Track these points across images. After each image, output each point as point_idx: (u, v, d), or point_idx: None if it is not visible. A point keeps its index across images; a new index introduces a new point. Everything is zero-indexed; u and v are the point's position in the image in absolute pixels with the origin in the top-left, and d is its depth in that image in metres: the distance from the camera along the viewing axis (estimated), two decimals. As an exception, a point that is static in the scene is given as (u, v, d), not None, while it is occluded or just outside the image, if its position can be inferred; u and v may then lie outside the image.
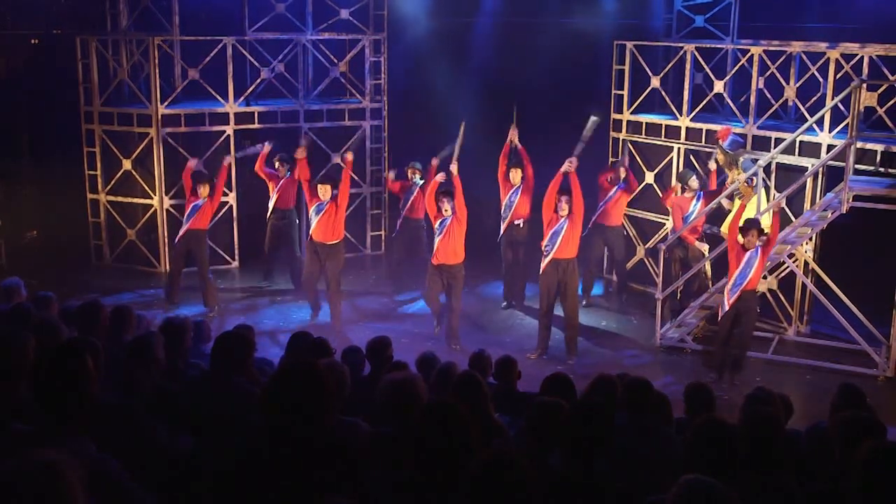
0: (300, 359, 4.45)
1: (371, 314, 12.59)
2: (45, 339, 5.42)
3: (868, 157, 11.14)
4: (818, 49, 11.83)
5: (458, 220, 11.08)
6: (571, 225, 10.89)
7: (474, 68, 16.26)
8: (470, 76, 16.25)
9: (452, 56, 16.21)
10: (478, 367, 6.82)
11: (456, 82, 16.18)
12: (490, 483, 3.17)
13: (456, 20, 16.26)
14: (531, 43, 15.83)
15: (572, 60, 15.76)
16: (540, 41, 15.76)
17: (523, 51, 15.79)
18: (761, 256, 10.33)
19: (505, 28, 16.18)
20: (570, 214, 10.85)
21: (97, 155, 14.32)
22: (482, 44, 16.18)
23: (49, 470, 2.70)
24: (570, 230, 10.88)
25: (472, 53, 16.27)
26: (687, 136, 13.02)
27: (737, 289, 10.32)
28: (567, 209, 10.82)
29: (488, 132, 13.65)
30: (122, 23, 14.35)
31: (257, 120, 14.49)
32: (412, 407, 4.41)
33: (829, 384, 9.74)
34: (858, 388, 6.05)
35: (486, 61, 16.21)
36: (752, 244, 10.30)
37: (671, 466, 4.25)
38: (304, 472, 3.49)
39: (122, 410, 4.65)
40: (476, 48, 16.22)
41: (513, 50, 15.97)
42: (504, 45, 16.11)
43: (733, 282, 10.36)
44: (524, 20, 16.08)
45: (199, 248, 12.27)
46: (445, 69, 16.25)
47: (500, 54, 16.20)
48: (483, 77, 16.22)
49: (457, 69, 16.23)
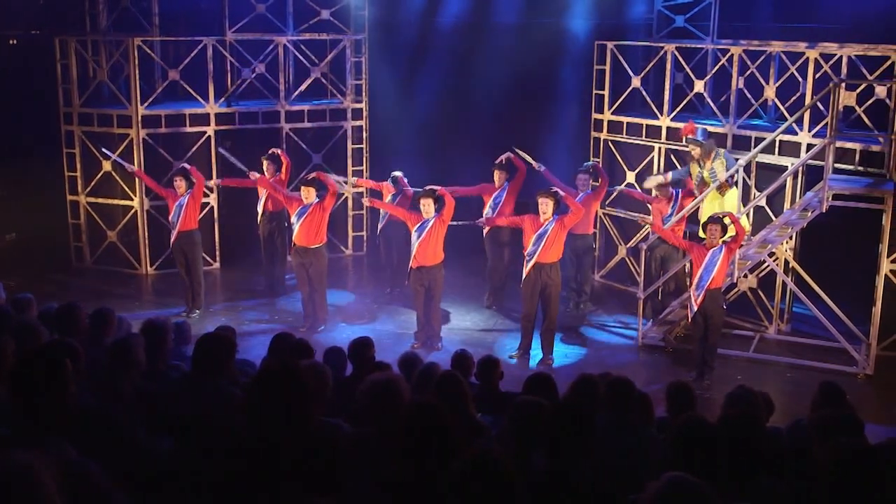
0: (282, 360, 4.44)
1: (352, 315, 12.56)
2: (25, 342, 5.39)
3: (847, 157, 11.22)
4: (797, 49, 11.89)
5: (443, 221, 10.98)
6: (559, 226, 10.74)
7: (454, 69, 16.25)
8: (449, 76, 16.25)
9: (433, 56, 16.21)
10: (460, 367, 6.81)
11: (436, 82, 16.18)
12: (472, 483, 3.17)
13: (437, 20, 16.25)
14: (511, 43, 15.84)
15: (552, 60, 15.79)
16: (520, 41, 15.78)
17: (504, 51, 15.80)
18: (725, 254, 10.28)
19: (485, 28, 16.18)
20: (557, 216, 10.75)
21: (77, 156, 14.23)
22: (462, 44, 16.17)
23: (23, 472, 2.68)
24: (557, 231, 10.73)
25: (452, 54, 16.25)
26: (667, 135, 13.06)
27: (701, 289, 10.31)
28: (550, 210, 10.73)
29: (468, 133, 13.66)
30: (102, 23, 14.27)
31: (238, 120, 14.44)
32: (394, 408, 4.41)
33: (809, 382, 9.80)
34: (839, 386, 6.08)
35: (467, 61, 16.20)
36: (715, 241, 10.27)
37: (652, 465, 4.26)
38: (285, 473, 3.48)
39: (101, 413, 4.62)
40: (456, 48, 16.21)
41: (493, 50, 15.98)
42: (484, 45, 16.11)
43: (697, 281, 10.35)
44: (505, 20, 16.09)
45: (191, 249, 12.23)
46: (427, 70, 16.26)
47: (481, 54, 16.19)
48: (463, 77, 16.23)
49: (437, 69, 16.22)
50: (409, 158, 14.00)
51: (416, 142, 15.65)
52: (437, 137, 16.23)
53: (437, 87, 16.14)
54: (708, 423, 4.27)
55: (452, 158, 15.40)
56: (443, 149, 15.98)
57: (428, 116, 16.10)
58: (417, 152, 14.21)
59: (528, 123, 15.61)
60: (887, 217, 10.79)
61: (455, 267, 12.35)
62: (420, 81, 16.32)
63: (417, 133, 15.95)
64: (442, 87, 16.13)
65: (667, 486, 3.22)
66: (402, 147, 15.25)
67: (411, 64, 16.32)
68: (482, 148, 13.66)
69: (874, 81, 11.21)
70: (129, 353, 5.45)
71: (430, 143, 15.96)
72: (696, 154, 11.79)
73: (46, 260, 14.33)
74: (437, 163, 14.69)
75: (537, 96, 15.98)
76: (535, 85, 16.02)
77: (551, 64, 15.83)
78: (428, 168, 14.09)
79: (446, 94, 16.13)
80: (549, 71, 15.88)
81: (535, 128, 15.57)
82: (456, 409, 4.87)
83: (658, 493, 3.21)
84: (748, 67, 12.23)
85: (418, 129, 15.97)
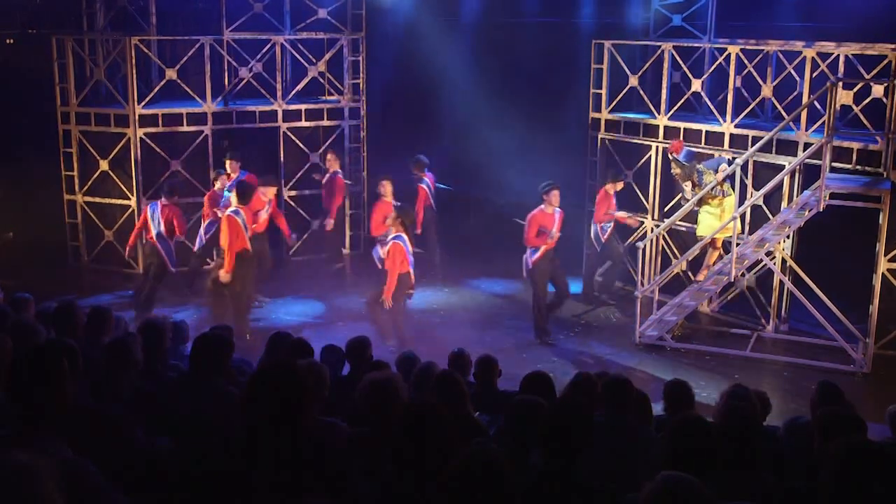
0: (279, 359, 4.44)
1: (350, 314, 12.55)
2: (22, 341, 5.39)
3: (844, 155, 11.22)
4: (795, 48, 11.90)
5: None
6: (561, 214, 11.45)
7: (452, 67, 16.26)
8: (447, 75, 16.26)
9: (430, 55, 16.21)
10: (457, 366, 6.82)
11: (434, 82, 16.19)
12: (471, 482, 3.17)
13: (434, 19, 16.25)
14: (509, 42, 15.85)
15: (550, 59, 15.79)
16: (518, 40, 15.79)
17: (501, 50, 15.81)
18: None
19: (483, 27, 16.19)
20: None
21: (74, 155, 14.21)
22: (460, 43, 16.18)
23: (24, 473, 2.68)
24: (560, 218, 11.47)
25: (449, 52, 16.26)
26: (665, 134, 13.06)
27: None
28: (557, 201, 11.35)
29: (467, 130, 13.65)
30: (99, 22, 14.26)
31: (235, 120, 14.43)
32: (392, 407, 4.41)
33: (806, 381, 9.85)
34: (836, 385, 6.09)
35: (464, 60, 16.21)
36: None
37: (650, 464, 4.26)
38: (283, 472, 3.48)
39: (99, 412, 4.62)
40: (454, 47, 16.22)
41: (490, 49, 15.98)
42: (482, 44, 16.12)
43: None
44: (502, 20, 16.09)
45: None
46: (424, 68, 16.27)
47: (478, 53, 16.21)
48: (461, 76, 16.24)
49: (435, 68, 16.23)
50: (405, 160, 13.98)
51: (413, 141, 15.64)
52: (434, 136, 16.23)
53: (433, 86, 16.14)
54: (705, 421, 4.27)
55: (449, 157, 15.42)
56: (439, 147, 15.98)
57: (425, 115, 16.11)
58: (414, 152, 14.17)
59: (525, 122, 15.61)
60: (884, 216, 10.80)
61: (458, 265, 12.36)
62: (416, 81, 16.33)
63: (413, 132, 15.95)
64: (438, 86, 16.13)
65: (664, 485, 3.22)
66: (399, 146, 15.24)
67: (408, 63, 16.32)
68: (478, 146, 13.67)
69: (871, 80, 11.21)
70: (126, 353, 5.45)
71: (428, 141, 15.96)
72: (676, 174, 11.87)
73: (44, 259, 14.30)
74: (434, 162, 14.66)
75: (535, 95, 15.97)
76: (532, 83, 16.02)
77: (549, 63, 15.82)
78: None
79: (442, 93, 16.13)
80: (547, 69, 15.87)
81: (532, 126, 15.56)
82: (453, 408, 4.87)
83: (655, 492, 3.21)
84: (745, 66, 12.23)
85: (414, 129, 15.98)
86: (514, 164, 15.14)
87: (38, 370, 3.76)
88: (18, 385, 3.75)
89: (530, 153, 12.51)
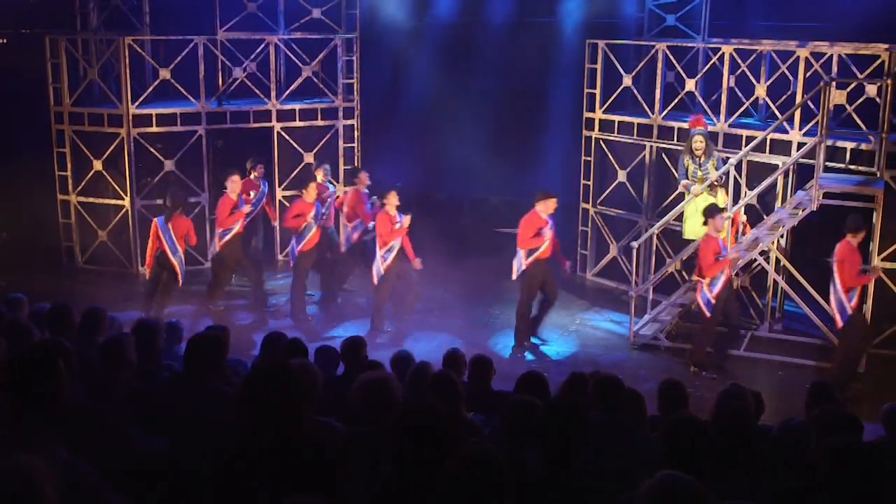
0: (274, 359, 4.43)
1: (345, 315, 12.54)
2: (16, 342, 5.37)
3: (838, 155, 11.25)
4: (788, 48, 11.92)
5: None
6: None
7: (446, 68, 16.25)
8: (442, 75, 16.25)
9: (425, 56, 16.21)
10: (452, 366, 6.82)
11: (429, 82, 16.18)
12: (467, 482, 3.17)
13: (428, 20, 16.25)
14: (504, 42, 15.84)
15: (544, 59, 15.79)
16: (512, 40, 15.78)
17: (495, 50, 15.80)
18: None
19: (476, 27, 16.18)
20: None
21: (67, 155, 14.17)
22: (454, 43, 16.17)
23: (21, 474, 2.67)
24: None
25: (444, 53, 16.26)
26: (659, 134, 13.08)
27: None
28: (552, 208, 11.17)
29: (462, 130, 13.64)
30: (92, 22, 14.23)
31: (229, 120, 14.42)
32: (387, 407, 4.41)
33: (800, 380, 9.87)
34: (829, 385, 6.11)
35: (459, 60, 16.20)
36: (722, 226, 10.71)
37: (645, 463, 4.27)
38: (278, 472, 3.48)
39: (93, 412, 4.61)
40: (448, 48, 16.21)
41: (485, 49, 15.97)
42: (476, 44, 16.11)
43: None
44: (497, 20, 16.08)
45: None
46: (418, 69, 16.26)
47: (472, 54, 16.19)
48: (454, 76, 16.22)
49: (429, 69, 16.22)
50: (398, 158, 13.99)
51: (408, 141, 15.65)
52: (429, 136, 16.22)
53: (428, 86, 16.12)
54: (699, 421, 4.28)
55: (444, 157, 15.41)
56: (434, 147, 15.99)
57: (420, 115, 16.09)
58: (409, 151, 14.20)
59: (519, 122, 15.62)
60: (878, 215, 10.83)
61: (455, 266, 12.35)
62: (411, 80, 16.32)
63: (409, 132, 15.94)
64: (433, 86, 16.11)
65: (659, 484, 3.23)
66: (394, 146, 15.25)
67: (403, 63, 16.31)
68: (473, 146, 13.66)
69: (865, 80, 11.24)
70: (120, 353, 5.43)
71: (424, 141, 15.96)
72: (699, 147, 11.71)
73: (37, 260, 14.24)
74: (429, 161, 14.69)
75: (528, 95, 15.97)
76: (526, 84, 16.01)
77: (543, 63, 15.82)
78: (420, 167, 14.09)
79: (438, 92, 16.11)
80: (541, 70, 15.87)
81: (526, 126, 15.57)
82: (450, 408, 4.87)
83: (650, 491, 3.22)
84: (739, 66, 12.25)
85: (410, 128, 15.96)
86: (510, 164, 15.16)
87: (33, 370, 3.75)
88: (14, 386, 3.74)
89: (524, 152, 12.52)
